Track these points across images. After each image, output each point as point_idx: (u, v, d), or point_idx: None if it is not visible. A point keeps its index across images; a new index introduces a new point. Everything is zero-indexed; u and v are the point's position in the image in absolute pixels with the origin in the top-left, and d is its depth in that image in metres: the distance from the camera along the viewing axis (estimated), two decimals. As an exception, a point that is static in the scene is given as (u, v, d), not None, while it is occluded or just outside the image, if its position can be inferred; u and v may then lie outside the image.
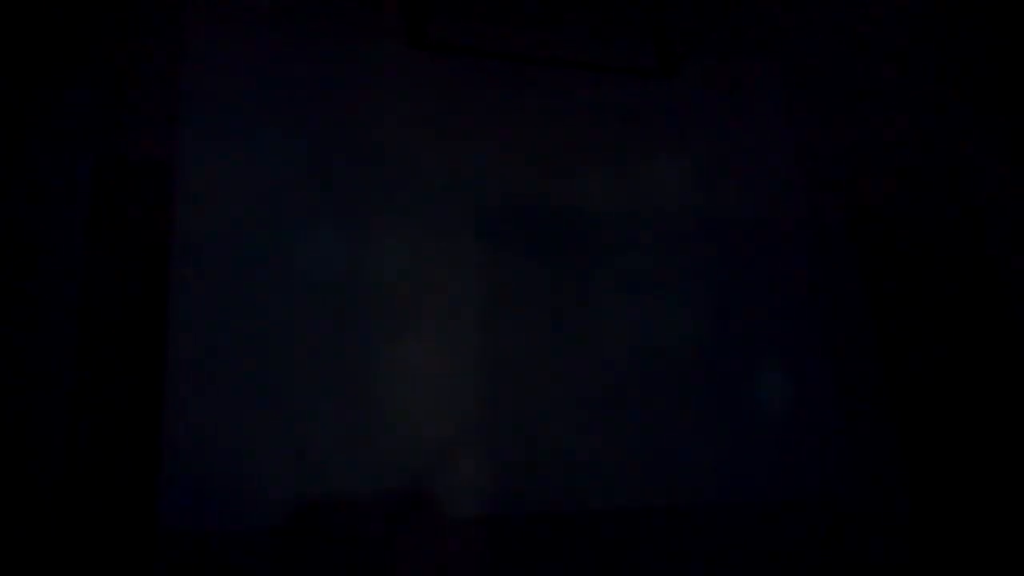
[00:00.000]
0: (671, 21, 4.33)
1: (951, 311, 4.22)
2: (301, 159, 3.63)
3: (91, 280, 3.15)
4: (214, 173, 3.49)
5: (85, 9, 3.42)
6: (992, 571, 3.85)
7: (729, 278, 4.14)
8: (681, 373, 3.89)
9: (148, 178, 3.35)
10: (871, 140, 4.56)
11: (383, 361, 3.47)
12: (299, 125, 3.67)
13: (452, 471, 3.42)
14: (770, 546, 3.75)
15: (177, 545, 3.02)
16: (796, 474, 3.92)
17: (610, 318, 3.86)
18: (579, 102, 4.16)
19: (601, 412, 3.70)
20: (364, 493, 3.28)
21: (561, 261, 3.87)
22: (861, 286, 4.38)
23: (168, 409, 3.13)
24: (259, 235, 3.47)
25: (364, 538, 3.22)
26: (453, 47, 3.94)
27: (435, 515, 3.34)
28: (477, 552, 3.35)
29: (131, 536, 2.98)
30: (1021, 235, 4.50)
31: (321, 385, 3.36)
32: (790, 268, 4.28)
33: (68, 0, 3.39)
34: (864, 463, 4.05)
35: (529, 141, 4.01)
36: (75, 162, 3.25)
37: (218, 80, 3.62)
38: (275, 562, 3.10)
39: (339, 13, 3.90)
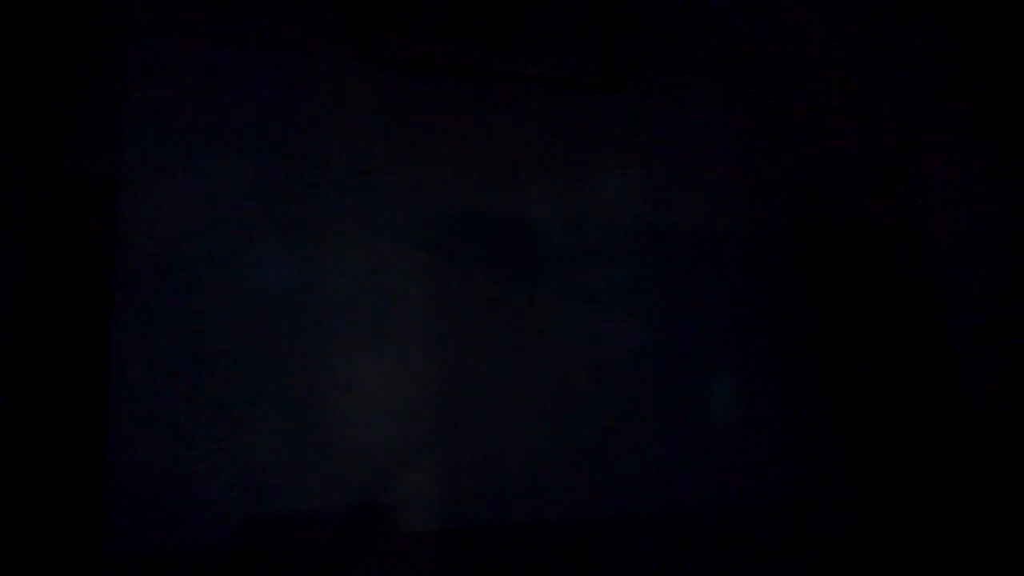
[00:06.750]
0: (619, 37, 4.41)
1: (892, 320, 4.35)
2: (249, 173, 3.62)
3: (31, 296, 3.10)
4: (159, 188, 3.46)
5: (29, 24, 3.38)
6: (938, 567, 3.96)
7: (676, 289, 4.21)
8: (630, 383, 3.95)
9: (91, 192, 3.31)
10: (814, 154, 4.69)
11: (332, 375, 3.46)
12: (247, 139, 3.66)
13: (403, 484, 3.42)
14: (721, 551, 3.80)
15: (123, 569, 2.97)
16: (744, 480, 3.99)
17: (560, 329, 3.90)
18: (528, 116, 4.21)
19: (552, 422, 3.73)
20: (316, 508, 3.26)
21: (510, 272, 3.91)
22: (805, 296, 4.48)
23: (111, 428, 3.09)
24: (206, 250, 3.45)
25: (317, 554, 3.21)
26: (401, 62, 3.97)
27: (387, 529, 3.33)
28: (430, 564, 3.35)
29: (75, 561, 2.92)
30: (959, 245, 4.65)
31: (269, 400, 3.34)
32: (736, 279, 4.37)
33: (10, 15, 3.34)
34: (810, 468, 4.13)
35: (478, 154, 4.05)
36: (17, 176, 3.20)
37: (164, 94, 3.59)
38: (223, 580, 3.06)
39: (288, 28, 3.90)
